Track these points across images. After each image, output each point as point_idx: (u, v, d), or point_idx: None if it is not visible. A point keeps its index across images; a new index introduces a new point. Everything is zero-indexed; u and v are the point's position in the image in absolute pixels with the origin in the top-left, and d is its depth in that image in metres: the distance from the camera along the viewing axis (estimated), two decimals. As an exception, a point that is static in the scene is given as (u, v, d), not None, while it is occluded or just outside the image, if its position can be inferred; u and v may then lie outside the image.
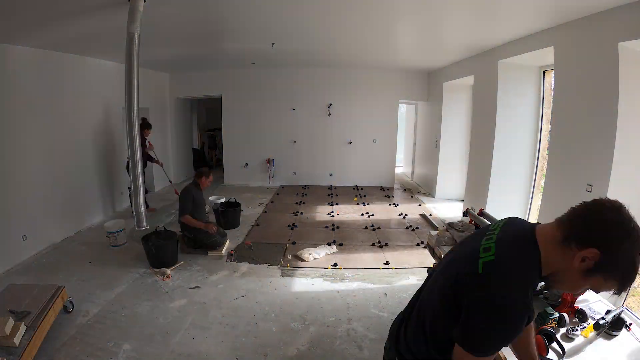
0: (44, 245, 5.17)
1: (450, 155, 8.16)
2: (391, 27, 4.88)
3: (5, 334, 2.64)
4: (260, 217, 6.89)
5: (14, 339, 2.67)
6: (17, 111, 4.73)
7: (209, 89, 9.41)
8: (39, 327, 2.93)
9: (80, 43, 5.09)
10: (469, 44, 5.69)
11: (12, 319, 2.74)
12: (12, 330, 2.70)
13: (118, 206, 7.05)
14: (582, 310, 1.93)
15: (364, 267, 4.76)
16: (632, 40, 3.17)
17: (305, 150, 9.57)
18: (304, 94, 9.24)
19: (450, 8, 3.91)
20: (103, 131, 6.54)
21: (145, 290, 4.14)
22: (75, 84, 5.77)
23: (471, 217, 3.27)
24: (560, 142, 4.30)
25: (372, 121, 9.37)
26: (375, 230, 6.18)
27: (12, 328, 2.70)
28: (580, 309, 1.94)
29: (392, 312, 3.73)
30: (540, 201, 4.66)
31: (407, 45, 6.22)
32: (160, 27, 4.44)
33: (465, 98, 7.81)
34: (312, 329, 3.45)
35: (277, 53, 6.68)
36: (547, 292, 2.02)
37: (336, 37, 5.43)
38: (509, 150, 5.60)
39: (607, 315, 1.87)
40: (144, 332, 3.35)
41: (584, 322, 1.90)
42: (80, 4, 3.41)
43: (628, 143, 3.36)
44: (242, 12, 4.10)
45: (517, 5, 3.68)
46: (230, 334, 3.35)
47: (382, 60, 7.68)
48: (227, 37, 5.46)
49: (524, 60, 5.15)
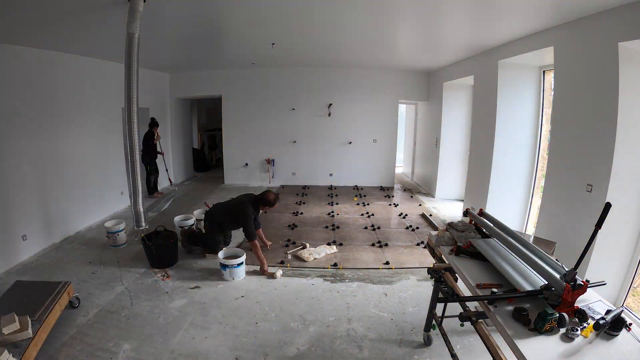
0: (44, 245, 5.17)
1: (451, 155, 8.17)
2: (391, 27, 4.89)
3: (16, 327, 2.69)
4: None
5: (28, 329, 2.73)
6: (16, 111, 4.73)
7: (209, 89, 9.42)
8: (45, 322, 2.97)
9: (80, 43, 5.09)
10: (469, 44, 5.69)
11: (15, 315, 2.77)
12: (22, 323, 2.75)
13: (117, 206, 7.05)
14: (582, 310, 1.92)
15: (364, 267, 4.76)
16: (632, 40, 3.18)
17: (305, 150, 9.57)
18: (304, 94, 9.25)
19: (451, 8, 3.91)
20: (103, 131, 6.54)
21: (145, 290, 4.14)
22: (74, 84, 5.77)
23: (471, 217, 3.27)
24: (560, 142, 4.30)
25: (372, 121, 9.37)
26: (375, 230, 6.18)
27: (20, 322, 2.75)
28: (580, 309, 1.94)
29: (392, 312, 3.73)
30: (540, 201, 4.66)
31: (408, 45, 6.22)
32: (160, 27, 4.45)
33: (466, 98, 7.82)
34: (312, 329, 3.45)
35: (277, 53, 6.68)
36: (547, 292, 2.02)
37: (336, 36, 5.43)
38: (509, 150, 5.61)
39: (607, 315, 1.87)
40: (144, 332, 3.35)
41: (584, 322, 1.89)
42: (80, 4, 3.41)
43: (628, 143, 3.36)
44: (242, 12, 4.10)
45: (517, 5, 3.68)
46: (230, 334, 3.35)
47: (383, 60, 7.68)
48: (228, 37, 5.46)
49: (524, 60, 5.16)
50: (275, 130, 9.47)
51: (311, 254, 4.99)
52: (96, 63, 6.25)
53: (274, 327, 3.47)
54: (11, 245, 4.66)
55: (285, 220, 6.65)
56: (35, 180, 5.05)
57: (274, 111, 9.38)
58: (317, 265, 4.81)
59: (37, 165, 5.09)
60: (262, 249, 4.75)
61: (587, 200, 3.69)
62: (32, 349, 2.71)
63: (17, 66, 4.74)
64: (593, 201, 3.57)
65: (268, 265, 4.61)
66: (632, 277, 3.61)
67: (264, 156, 9.55)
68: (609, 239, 3.41)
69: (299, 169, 9.70)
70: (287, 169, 9.70)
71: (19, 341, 2.68)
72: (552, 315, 1.85)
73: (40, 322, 2.92)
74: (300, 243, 5.43)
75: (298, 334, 3.37)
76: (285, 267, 4.73)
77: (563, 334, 1.84)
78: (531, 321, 1.90)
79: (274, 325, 3.51)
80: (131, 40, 3.40)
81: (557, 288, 1.99)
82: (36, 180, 5.07)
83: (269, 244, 5.28)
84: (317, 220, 6.75)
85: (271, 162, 9.55)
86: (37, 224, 5.07)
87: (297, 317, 3.64)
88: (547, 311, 1.86)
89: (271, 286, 4.25)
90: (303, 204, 7.81)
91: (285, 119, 9.41)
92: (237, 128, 9.46)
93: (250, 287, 4.22)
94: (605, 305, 2.07)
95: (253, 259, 4.60)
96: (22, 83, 4.82)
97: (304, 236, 5.81)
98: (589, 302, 2.08)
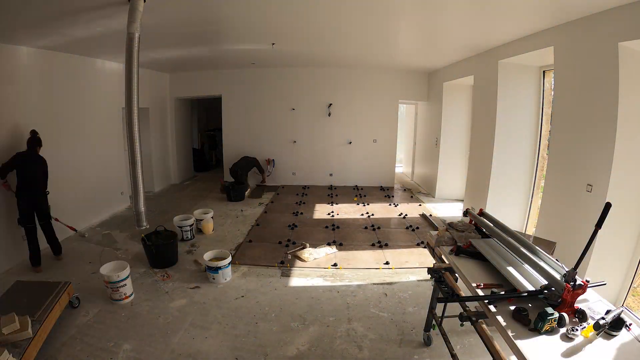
0: (44, 245, 5.15)
1: (451, 155, 8.17)
2: (392, 27, 4.89)
3: (16, 327, 2.70)
4: (260, 217, 6.89)
5: (28, 329, 2.74)
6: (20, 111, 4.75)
7: (209, 88, 9.42)
8: (45, 322, 2.98)
9: (80, 43, 5.08)
10: (469, 44, 5.69)
11: (15, 315, 2.78)
12: (22, 324, 2.75)
13: (117, 206, 7.06)
14: (582, 310, 1.92)
15: (364, 267, 4.76)
16: (632, 40, 3.18)
17: (305, 150, 9.57)
18: (304, 94, 9.25)
19: (451, 8, 3.91)
20: (103, 130, 6.54)
21: (145, 290, 4.14)
22: (74, 83, 5.77)
23: (471, 217, 3.26)
24: (560, 142, 4.30)
25: (372, 121, 9.38)
26: (375, 230, 6.18)
27: (20, 322, 2.76)
28: (580, 309, 1.93)
29: (392, 312, 3.73)
30: (540, 201, 4.66)
31: (408, 45, 6.22)
32: (160, 27, 4.44)
33: (466, 98, 7.81)
34: (312, 329, 3.45)
35: (277, 53, 6.68)
36: (547, 292, 2.01)
37: (336, 37, 5.43)
38: (509, 150, 5.61)
39: (607, 315, 1.86)
40: (144, 332, 3.35)
41: (584, 322, 1.89)
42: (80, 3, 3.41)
43: (628, 143, 3.37)
44: (242, 12, 4.10)
45: (517, 5, 3.68)
46: (230, 334, 3.35)
47: (383, 60, 7.69)
48: (227, 37, 5.46)
49: (524, 61, 5.15)
50: (275, 131, 9.47)
51: (311, 254, 4.99)
52: (96, 63, 6.25)
53: (274, 327, 3.47)
54: (11, 245, 4.66)
55: (285, 220, 6.65)
56: (35, 180, 5.02)
57: (274, 111, 9.39)
58: (317, 265, 4.81)
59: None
60: None
61: (587, 200, 3.69)
62: (32, 349, 2.72)
63: (16, 65, 4.74)
64: (593, 201, 3.57)
65: (267, 266, 4.66)
66: (632, 277, 3.61)
67: (264, 156, 9.55)
68: (609, 239, 3.41)
69: (299, 169, 9.70)
70: (287, 169, 9.70)
71: (18, 341, 2.68)
72: (552, 315, 1.84)
73: (40, 322, 2.93)
74: (300, 243, 5.42)
75: (298, 334, 3.37)
76: (286, 267, 4.73)
77: (563, 333, 1.84)
78: (531, 321, 1.90)
79: (274, 325, 3.51)
80: (131, 40, 3.39)
81: (557, 288, 1.99)
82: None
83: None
84: (317, 220, 6.75)
85: (271, 162, 9.54)
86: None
87: (297, 317, 3.64)
88: (547, 311, 1.86)
89: (271, 286, 4.25)
90: (303, 204, 7.81)
91: (285, 119, 9.41)
92: (237, 128, 9.46)
93: (250, 287, 4.22)
94: (605, 305, 2.07)
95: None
96: (21, 82, 4.82)
97: (304, 236, 5.81)
98: (589, 302, 2.08)
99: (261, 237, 5.82)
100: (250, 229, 6.17)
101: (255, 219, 6.74)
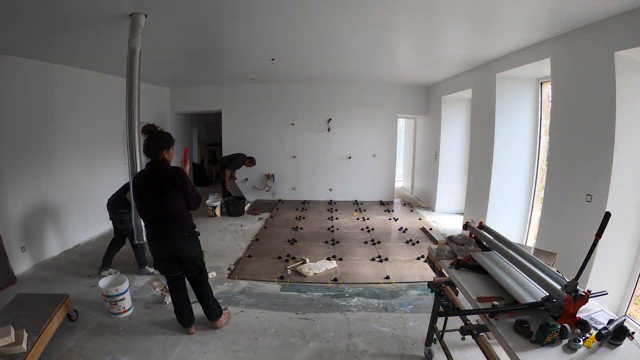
0: (43, 257, 5.15)
1: (450, 168, 8.19)
2: (390, 42, 4.96)
3: (11, 340, 2.67)
4: (260, 232, 6.86)
5: (22, 344, 2.70)
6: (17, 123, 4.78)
7: (210, 103, 9.50)
8: (42, 334, 2.95)
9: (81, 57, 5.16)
10: (467, 58, 5.76)
11: (12, 327, 2.76)
12: (17, 337, 2.73)
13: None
14: (584, 321, 1.90)
15: (364, 282, 4.71)
16: (628, 49, 3.22)
17: (305, 165, 9.59)
18: (304, 109, 9.32)
19: (448, 22, 3.98)
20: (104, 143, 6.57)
21: (144, 303, 4.10)
22: (75, 96, 5.82)
23: (471, 230, 3.25)
24: (559, 153, 4.31)
25: (371, 136, 9.43)
26: (375, 244, 6.15)
27: (15, 335, 2.73)
28: (582, 320, 1.91)
29: (392, 326, 3.68)
30: (540, 213, 4.65)
31: (406, 60, 6.30)
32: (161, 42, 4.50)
33: (464, 111, 7.88)
34: (312, 344, 3.40)
35: (277, 68, 6.76)
36: (549, 304, 1.99)
37: (335, 52, 5.51)
38: (508, 162, 5.62)
39: (609, 325, 1.84)
40: (142, 347, 3.30)
41: (587, 332, 1.87)
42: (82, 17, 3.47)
43: (627, 152, 3.38)
44: (242, 29, 4.17)
45: (513, 18, 3.74)
46: (229, 349, 3.30)
47: (381, 75, 7.78)
48: (228, 53, 5.53)
49: (522, 73, 5.21)
50: (275, 145, 9.51)
51: (311, 269, 4.95)
52: (97, 76, 6.31)
53: (274, 343, 3.42)
54: (10, 257, 4.61)
55: (285, 235, 6.62)
56: (34, 192, 5.05)
57: (274, 126, 9.44)
58: (317, 280, 4.77)
59: (36, 176, 5.11)
60: None
61: (586, 210, 3.68)
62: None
63: (17, 78, 4.79)
64: (593, 211, 3.57)
65: (267, 281, 4.62)
66: (634, 285, 3.59)
67: (264, 171, 9.56)
68: (610, 249, 3.39)
69: (299, 184, 9.70)
70: (287, 183, 9.70)
71: (13, 354, 2.65)
72: (554, 326, 1.82)
73: (37, 335, 2.90)
74: (300, 258, 5.39)
75: (298, 350, 3.32)
76: (285, 282, 4.69)
77: (565, 345, 1.82)
78: (533, 333, 1.87)
79: (273, 340, 3.46)
80: (133, 55, 3.44)
81: (558, 299, 1.97)
82: (35, 191, 5.08)
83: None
84: (317, 235, 6.72)
85: (271, 177, 9.55)
86: (36, 236, 5.06)
87: (297, 332, 3.60)
88: (548, 323, 1.84)
89: (270, 301, 4.21)
90: (303, 219, 7.79)
91: (285, 134, 9.46)
92: (237, 143, 9.47)
93: (250, 302, 4.18)
94: (607, 314, 2.05)
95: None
96: (22, 95, 4.86)
97: (304, 251, 5.78)
98: (591, 313, 2.05)
99: (261, 252, 5.78)
100: (249, 244, 6.14)
101: (254, 234, 6.72)
